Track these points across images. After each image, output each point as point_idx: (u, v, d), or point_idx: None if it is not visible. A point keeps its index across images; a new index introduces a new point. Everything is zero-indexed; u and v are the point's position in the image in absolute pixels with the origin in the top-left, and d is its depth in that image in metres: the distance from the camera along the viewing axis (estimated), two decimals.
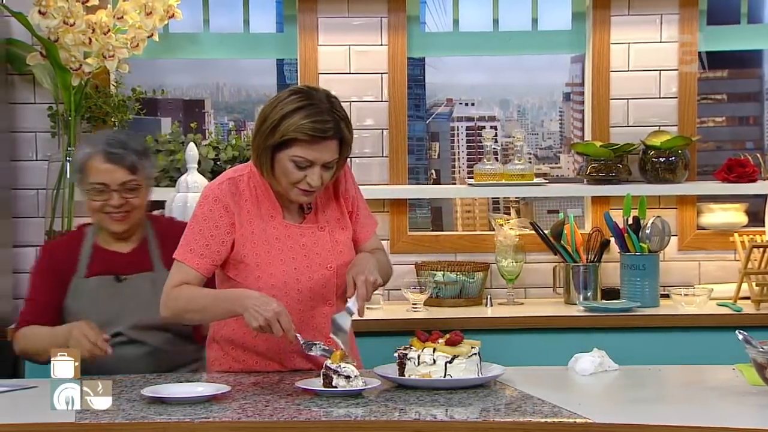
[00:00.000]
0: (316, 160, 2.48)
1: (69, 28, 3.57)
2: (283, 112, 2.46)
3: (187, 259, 2.55)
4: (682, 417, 2.20)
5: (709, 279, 3.96)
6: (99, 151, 2.81)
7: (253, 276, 2.55)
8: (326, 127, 2.46)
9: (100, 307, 2.81)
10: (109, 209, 2.81)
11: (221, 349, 2.66)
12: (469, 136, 4.76)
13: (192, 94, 4.59)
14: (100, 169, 2.80)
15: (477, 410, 2.26)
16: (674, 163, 3.90)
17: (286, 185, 2.52)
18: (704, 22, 4.00)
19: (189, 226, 2.59)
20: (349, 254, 2.63)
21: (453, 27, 4.05)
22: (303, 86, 2.58)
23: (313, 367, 2.58)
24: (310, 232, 2.60)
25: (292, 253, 2.57)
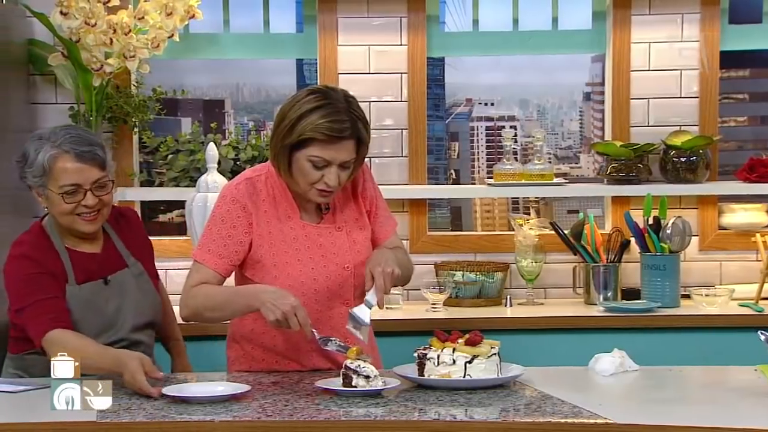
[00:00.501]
0: (333, 159, 2.48)
1: (90, 28, 3.59)
2: (300, 111, 2.47)
3: (205, 260, 2.55)
4: (702, 418, 2.19)
5: (731, 279, 3.94)
6: (66, 150, 2.60)
7: (270, 276, 2.55)
8: (343, 126, 2.46)
9: (98, 314, 2.67)
10: (81, 210, 2.62)
11: (241, 349, 2.67)
12: (488, 136, 4.76)
13: (212, 94, 4.61)
14: (71, 170, 2.59)
15: (497, 410, 2.26)
16: (695, 162, 3.88)
17: (303, 185, 2.52)
18: (726, 21, 3.98)
19: (207, 227, 2.59)
20: (366, 254, 2.63)
21: (473, 27, 4.04)
22: (321, 86, 2.59)
23: (333, 367, 2.58)
24: (327, 232, 2.61)
25: (310, 253, 2.58)
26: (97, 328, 2.65)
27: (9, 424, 2.21)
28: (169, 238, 3.99)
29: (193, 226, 3.63)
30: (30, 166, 2.62)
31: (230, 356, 2.70)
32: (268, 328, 2.52)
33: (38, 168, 2.61)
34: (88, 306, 2.66)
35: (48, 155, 2.60)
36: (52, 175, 2.61)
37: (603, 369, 2.59)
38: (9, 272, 2.67)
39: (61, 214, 2.64)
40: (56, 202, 2.62)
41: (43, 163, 2.61)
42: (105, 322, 2.68)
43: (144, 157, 4.04)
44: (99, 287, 2.69)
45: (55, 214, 2.66)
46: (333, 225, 2.62)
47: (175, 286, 3.90)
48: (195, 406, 2.30)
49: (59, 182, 2.60)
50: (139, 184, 3.95)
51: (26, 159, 2.63)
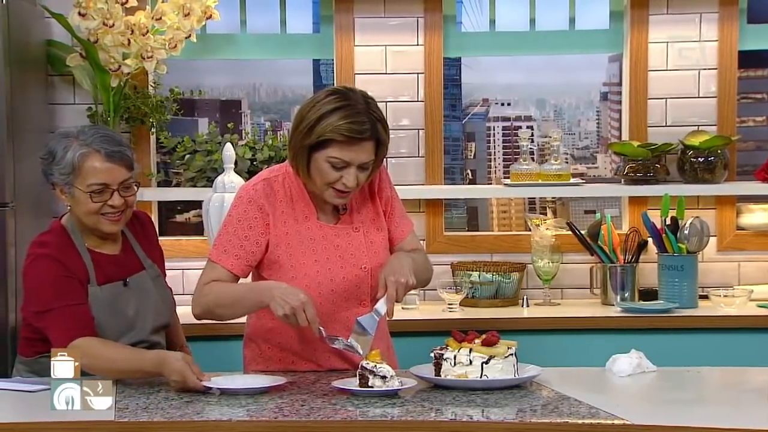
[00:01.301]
0: (352, 161, 2.49)
1: (108, 29, 3.60)
2: (320, 112, 2.47)
3: (221, 260, 2.56)
4: (720, 419, 2.18)
5: (749, 280, 3.92)
6: (97, 149, 2.59)
7: (287, 276, 2.55)
8: (363, 128, 2.47)
9: (119, 315, 2.66)
10: (106, 210, 2.61)
11: (258, 348, 2.67)
12: (505, 136, 4.75)
13: (229, 94, 4.62)
14: (101, 169, 2.58)
15: (513, 411, 2.26)
16: (713, 163, 3.86)
17: (321, 185, 2.52)
18: (744, 20, 3.96)
19: (223, 227, 2.60)
20: (384, 255, 2.63)
21: (489, 27, 4.04)
22: (340, 87, 2.59)
23: (349, 367, 2.59)
24: (344, 233, 2.61)
25: (327, 254, 2.58)
26: (118, 329, 2.65)
27: (26, 423, 2.22)
28: (186, 238, 4.01)
29: (210, 226, 3.64)
30: (57, 163, 2.60)
31: (246, 356, 2.71)
32: (286, 327, 2.53)
33: (67, 165, 2.59)
34: (109, 307, 2.65)
35: (78, 153, 2.59)
36: (80, 173, 2.59)
37: (620, 370, 2.58)
38: (32, 273, 2.64)
39: (86, 213, 2.62)
40: (82, 201, 2.61)
41: (72, 160, 2.59)
42: (126, 324, 2.67)
43: (161, 157, 4.05)
44: (119, 289, 2.68)
45: (79, 213, 2.64)
46: (350, 226, 2.62)
47: (191, 286, 3.87)
48: (213, 405, 2.30)
49: (87, 180, 2.59)
50: (157, 185, 3.97)
51: (53, 156, 2.61)
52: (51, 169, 2.62)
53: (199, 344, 3.33)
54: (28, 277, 2.65)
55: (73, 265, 2.62)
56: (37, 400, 2.37)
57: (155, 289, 2.75)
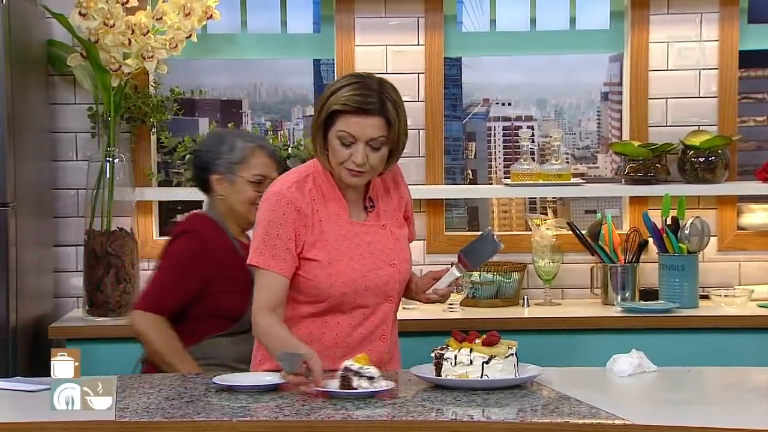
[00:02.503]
0: (359, 135, 2.50)
1: (109, 29, 3.60)
2: (332, 89, 2.54)
3: (271, 266, 2.54)
4: (721, 419, 2.18)
5: (750, 280, 3.92)
6: (261, 145, 3.03)
7: (324, 273, 2.57)
8: (368, 100, 2.50)
9: None
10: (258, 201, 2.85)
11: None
12: (505, 136, 4.75)
13: (229, 94, 4.61)
14: (262, 163, 3.01)
15: (514, 411, 2.26)
16: (714, 162, 3.86)
17: (335, 165, 2.56)
18: (745, 20, 3.96)
19: (265, 231, 2.56)
20: (407, 251, 2.70)
21: (490, 27, 4.04)
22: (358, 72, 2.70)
23: None
24: (373, 230, 2.64)
25: (359, 251, 2.61)
26: None
27: (26, 423, 2.22)
28: None
29: None
30: (227, 153, 3.00)
31: (257, 356, 2.71)
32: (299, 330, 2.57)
33: (236, 155, 3.00)
34: None
35: (249, 146, 3.01)
36: (245, 164, 3.00)
37: (621, 370, 2.58)
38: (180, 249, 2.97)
39: (243, 201, 3.00)
40: (243, 189, 3.00)
41: (243, 152, 3.00)
42: None
43: (162, 157, 4.05)
44: None
45: (235, 201, 3.01)
46: (377, 223, 2.65)
47: None
48: (213, 405, 2.30)
49: (252, 171, 3.00)
50: (157, 184, 3.97)
51: (221, 146, 3.01)
52: (218, 158, 3.01)
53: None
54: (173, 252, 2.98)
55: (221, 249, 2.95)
56: (37, 400, 2.37)
57: None
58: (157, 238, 3.95)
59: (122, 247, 3.66)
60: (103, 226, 3.67)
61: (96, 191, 3.68)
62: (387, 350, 2.67)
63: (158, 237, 3.97)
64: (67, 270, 3.90)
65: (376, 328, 2.62)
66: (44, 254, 3.80)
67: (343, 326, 2.60)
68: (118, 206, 3.69)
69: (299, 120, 4.60)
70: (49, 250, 3.85)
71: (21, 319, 3.48)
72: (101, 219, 3.68)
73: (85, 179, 3.75)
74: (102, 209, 3.67)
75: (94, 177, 3.69)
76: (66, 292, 3.90)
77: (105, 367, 2.95)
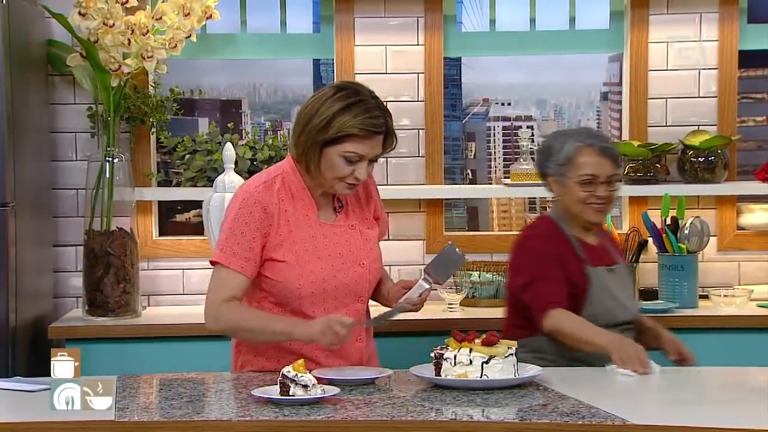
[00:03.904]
0: (367, 155, 2.54)
1: (108, 29, 3.60)
2: (334, 109, 2.52)
3: (231, 263, 2.54)
4: (721, 419, 2.18)
5: (749, 280, 3.92)
6: (590, 144, 2.91)
7: (293, 274, 2.56)
8: (379, 122, 2.53)
9: (609, 294, 2.90)
10: (592, 200, 2.89)
11: (251, 351, 2.66)
12: (505, 136, 4.75)
13: (229, 94, 4.61)
14: (592, 162, 2.90)
15: (514, 411, 2.26)
16: (713, 162, 3.86)
17: (331, 179, 2.56)
18: (744, 20, 3.96)
19: (228, 230, 2.57)
20: (377, 251, 2.70)
21: (490, 27, 4.04)
22: (343, 83, 2.64)
23: (344, 364, 2.61)
24: (342, 231, 2.64)
25: (328, 251, 2.61)
26: (614, 306, 2.90)
27: (26, 423, 2.22)
28: (186, 238, 4.01)
29: (210, 226, 3.64)
30: (554, 155, 2.94)
31: (238, 361, 2.69)
32: None
33: (562, 157, 2.92)
34: (604, 287, 2.90)
35: (575, 146, 2.92)
36: (573, 165, 2.91)
37: (624, 369, 2.58)
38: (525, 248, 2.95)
39: (574, 201, 2.93)
40: (572, 190, 2.92)
41: (568, 153, 2.92)
42: (616, 303, 2.91)
43: (161, 157, 4.05)
44: (606, 272, 2.94)
45: (567, 202, 2.95)
46: (346, 223, 2.66)
47: (191, 286, 3.93)
48: (212, 405, 2.30)
49: (579, 171, 2.91)
50: (157, 184, 3.97)
51: (550, 150, 2.95)
52: (547, 162, 2.96)
53: (219, 343, 3.34)
54: (517, 253, 2.97)
55: (561, 246, 2.91)
56: (36, 400, 2.37)
57: (629, 281, 3.04)
58: (157, 238, 3.96)
59: (122, 247, 3.66)
60: (103, 226, 3.67)
61: (95, 191, 3.68)
62: (365, 351, 2.68)
63: (158, 237, 3.97)
64: (67, 270, 3.90)
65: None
66: (44, 254, 3.80)
67: None
68: (117, 206, 3.69)
69: None
70: (48, 250, 3.85)
71: (20, 319, 3.48)
72: (101, 219, 3.68)
73: (84, 179, 3.75)
74: (101, 209, 3.67)
75: (93, 177, 3.69)
76: (65, 292, 3.90)
77: (104, 367, 2.96)
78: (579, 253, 2.91)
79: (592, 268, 2.90)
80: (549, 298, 2.82)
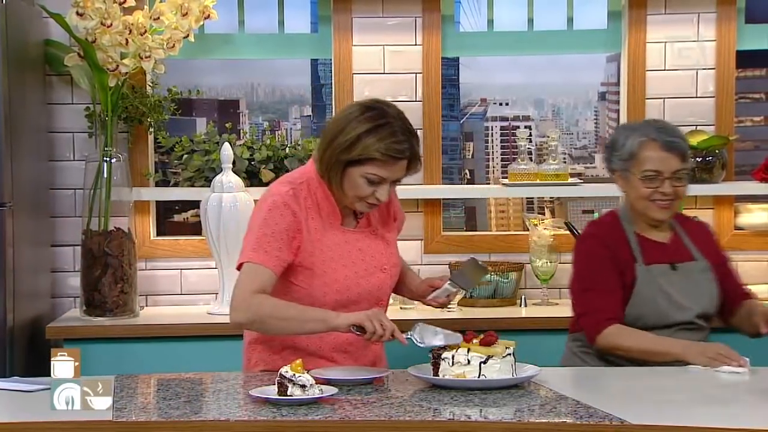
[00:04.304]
0: (389, 177, 2.55)
1: (106, 29, 3.60)
2: (359, 130, 2.51)
3: (264, 260, 2.53)
4: (718, 419, 2.18)
5: (747, 280, 3.86)
6: (655, 138, 2.82)
7: (320, 281, 2.59)
8: (403, 147, 2.52)
9: (664, 294, 2.84)
10: (657, 197, 2.82)
11: (266, 350, 2.67)
12: (503, 135, 4.75)
13: (227, 94, 4.61)
14: (656, 157, 2.81)
15: (511, 411, 2.26)
16: (711, 162, 3.86)
17: (352, 198, 2.57)
18: (742, 20, 3.96)
19: (259, 229, 2.56)
20: (397, 256, 2.72)
21: (487, 26, 4.04)
22: (372, 102, 2.61)
23: (353, 364, 2.62)
24: (364, 236, 2.66)
25: (352, 258, 2.63)
26: (666, 306, 2.83)
27: (25, 423, 2.22)
28: (184, 238, 4.01)
29: (208, 226, 3.64)
30: (618, 150, 2.85)
31: (252, 359, 2.70)
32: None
33: (625, 152, 2.84)
34: (654, 284, 2.83)
35: (637, 141, 2.83)
36: (636, 160, 2.82)
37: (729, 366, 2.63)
38: (580, 250, 2.93)
39: (637, 197, 2.85)
40: (636, 186, 2.84)
41: (631, 148, 2.83)
42: (669, 303, 2.84)
43: (159, 157, 4.05)
44: (665, 270, 2.86)
45: (632, 198, 2.87)
46: (368, 229, 2.68)
47: (189, 286, 3.93)
48: (210, 405, 2.30)
49: (642, 167, 2.82)
50: (155, 184, 3.96)
51: (615, 144, 2.87)
52: (612, 156, 2.88)
53: (217, 343, 3.36)
54: (578, 254, 2.93)
55: (616, 245, 2.85)
56: (34, 400, 2.37)
57: (702, 280, 2.90)
58: (155, 238, 3.95)
59: (119, 247, 3.66)
60: (101, 226, 3.67)
61: (93, 191, 3.68)
62: (380, 353, 2.71)
63: (155, 237, 3.97)
64: (65, 270, 3.90)
65: None
66: (41, 254, 3.80)
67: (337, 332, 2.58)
68: (115, 206, 3.69)
69: (297, 120, 4.59)
70: (46, 250, 3.84)
71: (18, 319, 3.48)
72: (98, 219, 3.67)
73: (82, 179, 3.74)
74: (99, 209, 3.67)
75: (91, 177, 3.69)
76: (63, 292, 3.89)
77: (102, 367, 2.95)
78: (634, 250, 2.86)
79: (644, 267, 2.84)
80: (601, 315, 2.79)
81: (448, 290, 2.69)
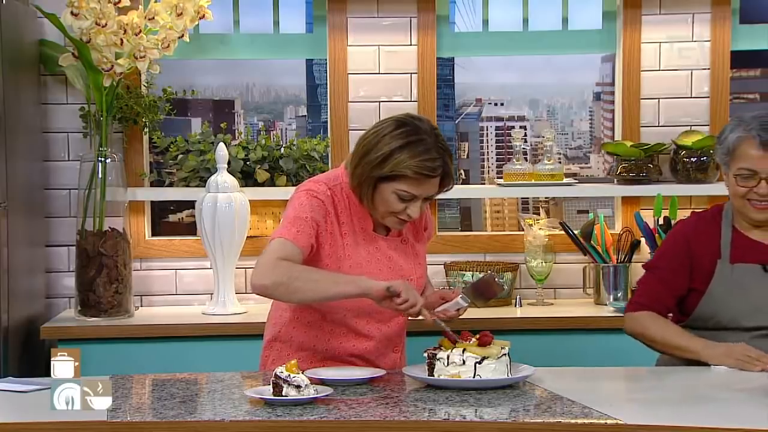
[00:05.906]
0: (420, 195, 2.54)
1: (101, 29, 3.59)
2: (392, 146, 2.50)
3: (296, 239, 2.50)
4: (715, 418, 2.18)
5: None
6: (753, 136, 2.67)
7: None
8: (435, 165, 2.51)
9: (745, 295, 2.72)
10: (752, 196, 2.69)
11: (285, 350, 2.67)
12: (498, 136, 4.76)
13: (222, 94, 4.62)
14: (752, 156, 2.67)
15: (506, 411, 2.26)
16: (706, 163, 3.87)
17: (383, 213, 2.56)
18: (737, 20, 3.97)
19: (293, 215, 2.54)
20: (424, 266, 2.72)
21: (482, 27, 4.04)
22: (406, 116, 2.58)
23: (365, 366, 2.61)
24: (395, 245, 2.66)
25: (380, 265, 2.63)
26: (743, 308, 2.71)
27: (22, 423, 2.22)
28: (178, 238, 4.00)
29: (203, 226, 3.64)
30: (721, 143, 2.74)
31: (270, 356, 2.70)
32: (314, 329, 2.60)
33: (725, 147, 2.72)
34: (735, 285, 2.72)
35: (737, 136, 2.70)
36: (733, 156, 2.70)
37: None
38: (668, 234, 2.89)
39: (733, 195, 2.74)
40: (731, 183, 2.72)
41: (730, 143, 2.71)
42: (752, 305, 2.71)
43: (154, 157, 4.05)
44: (752, 270, 2.73)
45: (730, 195, 2.76)
46: (399, 237, 2.67)
47: (184, 286, 3.92)
48: (205, 405, 2.30)
49: (738, 164, 2.69)
50: (149, 184, 3.96)
51: (720, 136, 2.76)
52: (717, 148, 2.77)
53: (212, 343, 3.35)
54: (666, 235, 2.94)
55: (701, 240, 2.76)
56: (29, 401, 2.37)
57: None
58: (150, 238, 3.95)
59: (114, 248, 3.66)
60: (95, 227, 3.66)
61: (88, 191, 3.67)
62: (399, 360, 2.71)
63: (150, 237, 3.96)
64: (59, 270, 3.89)
65: (389, 341, 2.66)
66: (36, 254, 3.79)
67: (360, 338, 2.61)
68: (110, 206, 3.69)
69: (292, 120, 4.60)
70: (40, 250, 3.84)
71: (12, 320, 3.48)
72: (93, 219, 3.67)
73: (77, 179, 3.74)
74: (94, 209, 3.67)
75: (86, 177, 3.69)
76: (58, 292, 3.89)
77: (97, 368, 2.95)
78: (722, 247, 2.75)
79: (727, 265, 2.73)
80: (642, 298, 2.78)
81: (459, 304, 2.63)
